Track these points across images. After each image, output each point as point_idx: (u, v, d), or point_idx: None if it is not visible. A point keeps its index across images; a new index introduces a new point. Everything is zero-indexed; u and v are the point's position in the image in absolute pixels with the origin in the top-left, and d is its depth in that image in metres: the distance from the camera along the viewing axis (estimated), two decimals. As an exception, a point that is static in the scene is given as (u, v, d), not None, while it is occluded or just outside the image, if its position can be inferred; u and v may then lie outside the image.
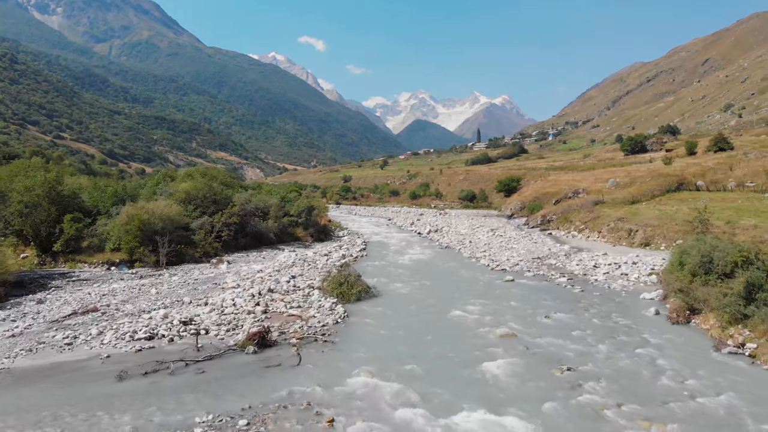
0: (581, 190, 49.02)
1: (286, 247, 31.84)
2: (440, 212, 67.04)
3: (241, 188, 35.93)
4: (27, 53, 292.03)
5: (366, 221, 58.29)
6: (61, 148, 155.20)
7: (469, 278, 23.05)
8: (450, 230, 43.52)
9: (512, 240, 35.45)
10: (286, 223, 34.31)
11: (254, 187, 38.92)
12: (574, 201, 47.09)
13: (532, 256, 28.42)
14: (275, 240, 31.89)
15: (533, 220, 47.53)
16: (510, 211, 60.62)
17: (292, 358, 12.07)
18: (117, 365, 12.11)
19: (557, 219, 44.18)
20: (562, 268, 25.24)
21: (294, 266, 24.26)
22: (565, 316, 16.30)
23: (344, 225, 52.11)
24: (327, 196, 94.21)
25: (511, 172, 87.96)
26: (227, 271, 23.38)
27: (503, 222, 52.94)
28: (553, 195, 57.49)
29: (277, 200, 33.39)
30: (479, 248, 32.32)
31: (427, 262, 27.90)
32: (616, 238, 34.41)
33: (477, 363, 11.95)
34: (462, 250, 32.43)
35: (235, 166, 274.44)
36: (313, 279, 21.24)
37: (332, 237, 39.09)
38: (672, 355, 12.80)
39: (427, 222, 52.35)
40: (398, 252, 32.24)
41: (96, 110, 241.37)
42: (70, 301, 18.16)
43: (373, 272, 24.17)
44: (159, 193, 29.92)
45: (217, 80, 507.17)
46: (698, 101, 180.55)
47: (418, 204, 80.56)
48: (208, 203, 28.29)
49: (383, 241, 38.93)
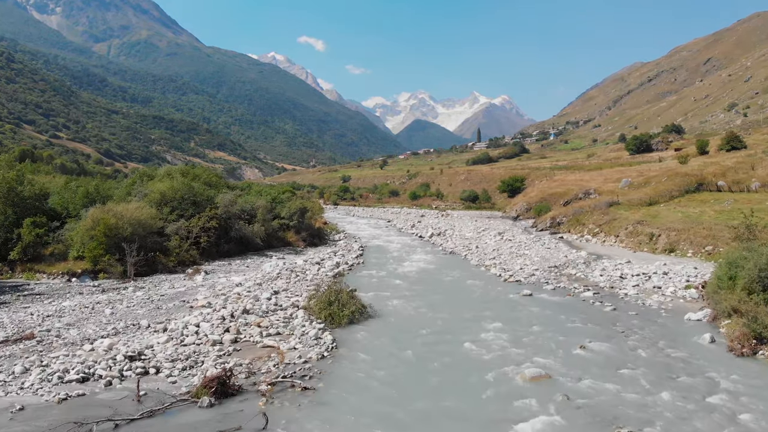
0: (592, 190, 46.05)
1: (275, 254, 28.81)
2: (442, 214, 64.05)
3: (228, 188, 32.95)
4: (25, 52, 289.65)
5: (364, 223, 55.32)
6: (56, 147, 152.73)
7: (480, 293, 20.04)
8: (454, 233, 40.53)
9: (523, 245, 32.44)
10: (275, 226, 31.30)
11: (243, 187, 35.94)
12: (585, 202, 44.10)
13: (547, 265, 25.42)
14: (263, 245, 28.88)
15: (542, 222, 44.56)
16: (515, 213, 57.65)
17: (258, 417, 9.04)
18: (27, 425, 9.10)
19: (568, 221, 41.21)
20: (585, 279, 22.25)
21: (279, 278, 21.22)
22: (604, 345, 13.30)
23: (341, 227, 49.12)
24: (325, 197, 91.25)
25: (515, 171, 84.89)
26: (202, 284, 20.34)
27: (509, 224, 49.99)
28: (560, 195, 54.55)
29: (265, 202, 30.36)
30: (488, 254, 29.32)
31: (431, 272, 24.91)
32: (636, 243, 31.43)
33: (506, 425, 8.94)
34: (469, 256, 29.44)
35: (233, 165, 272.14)
36: (300, 295, 18.21)
37: (327, 241, 36.09)
38: (755, 407, 9.81)
39: (428, 224, 49.37)
40: (398, 259, 29.25)
41: (93, 110, 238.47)
42: (6, 324, 15.14)
43: (369, 284, 21.17)
44: (134, 194, 26.93)
45: (216, 80, 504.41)
46: (701, 100, 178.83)
47: (419, 205, 77.56)
48: (186, 205, 25.26)
49: (382, 245, 35.93)
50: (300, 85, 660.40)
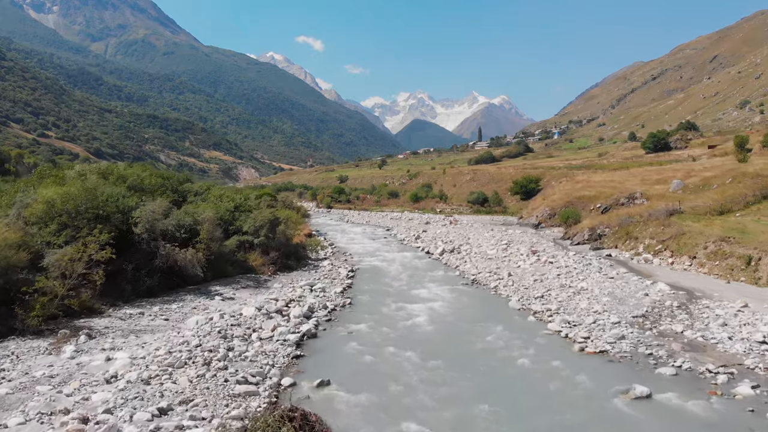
0: (638, 194, 37.38)
1: (223, 289, 20.01)
2: (449, 219, 55.45)
3: (173, 192, 24.38)
4: (19, 51, 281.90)
5: (359, 232, 46.72)
6: (42, 146, 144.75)
7: (550, 388, 11.44)
8: (471, 249, 31.91)
9: (572, 271, 23.83)
10: (232, 246, 22.70)
11: (197, 191, 27.33)
12: (632, 209, 35.49)
13: (627, 311, 16.87)
14: (205, 277, 20.04)
15: (577, 234, 35.99)
16: (536, 219, 49.00)
17: None
18: None
19: (613, 234, 32.65)
20: (706, 345, 13.72)
21: (194, 361, 12.22)
22: None
23: (331, 238, 40.61)
24: (318, 198, 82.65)
25: (526, 171, 76.09)
26: (52, 374, 11.60)
27: (531, 234, 41.51)
28: (590, 199, 45.94)
29: (214, 213, 21.58)
30: (530, 288, 20.78)
31: (453, 326, 16.35)
32: (726, 270, 22.87)
33: None
34: (502, 289, 20.90)
35: (229, 165, 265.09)
36: (209, 419, 9.52)
37: (306, 263, 27.44)
38: None
39: (436, 234, 40.83)
40: (402, 294, 20.71)
41: (86, 108, 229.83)
42: None
43: (355, 364, 12.65)
44: (21, 203, 18.45)
45: (214, 79, 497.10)
46: (711, 98, 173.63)
47: (421, 208, 68.89)
48: (85, 221, 16.60)
49: (380, 267, 27.40)
50: (298, 84, 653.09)
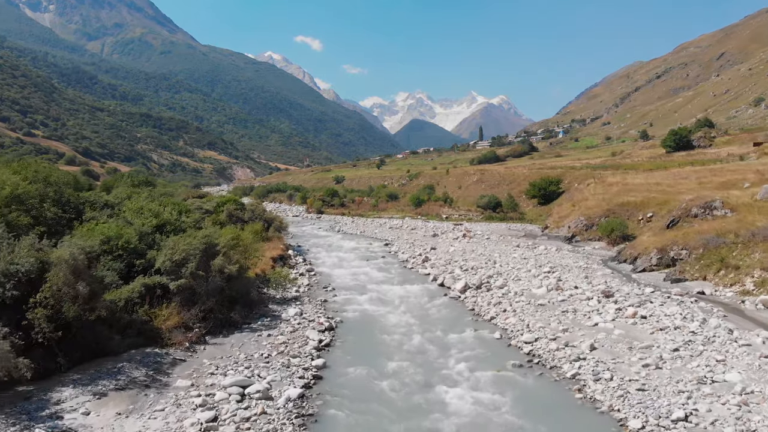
0: (719, 202, 28.35)
1: (72, 400, 10.30)
2: (460, 229, 46.41)
3: (59, 207, 15.56)
4: (12, 49, 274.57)
5: (351, 248, 37.65)
6: (27, 145, 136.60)
7: None
8: (507, 284, 22.83)
9: (692, 341, 14.80)
10: (128, 297, 13.85)
11: (107, 202, 18.35)
12: (715, 223, 26.51)
13: None
14: (56, 367, 10.71)
15: (639, 256, 27.03)
16: (569, 231, 39.97)
17: None
18: None
19: (696, 260, 23.68)
20: None
21: None
22: None
23: (312, 259, 31.72)
24: (308, 202, 73.69)
25: (542, 171, 66.99)
26: None
27: (567, 251, 32.68)
28: (636, 207, 37.06)
29: (77, 249, 12.24)
30: (642, 385, 11.90)
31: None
32: None
33: None
34: (591, 386, 12.00)
35: (223, 165, 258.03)
36: None
37: (263, 310, 18.44)
38: None
39: (450, 254, 31.87)
40: (413, 395, 11.86)
41: (77, 107, 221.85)
42: None
43: None
44: None
45: (211, 78, 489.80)
46: (721, 96, 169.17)
47: (424, 213, 59.68)
48: None
49: (373, 318, 18.51)
50: (297, 84, 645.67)
